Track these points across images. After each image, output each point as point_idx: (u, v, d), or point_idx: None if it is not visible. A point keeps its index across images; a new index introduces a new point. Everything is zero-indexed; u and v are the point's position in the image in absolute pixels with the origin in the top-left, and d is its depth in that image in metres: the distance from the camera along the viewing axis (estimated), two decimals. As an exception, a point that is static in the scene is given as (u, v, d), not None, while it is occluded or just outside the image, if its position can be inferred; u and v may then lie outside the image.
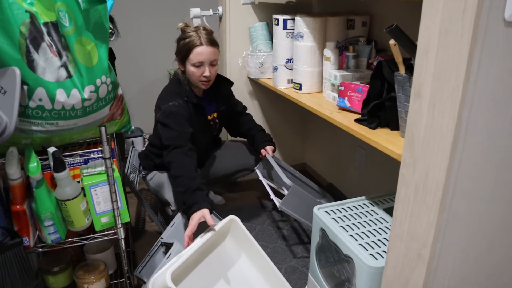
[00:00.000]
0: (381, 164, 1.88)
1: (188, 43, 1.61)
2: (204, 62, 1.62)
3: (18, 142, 1.11)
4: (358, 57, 1.67)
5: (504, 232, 0.91)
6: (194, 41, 1.60)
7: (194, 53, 1.60)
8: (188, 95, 1.69)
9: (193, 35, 1.61)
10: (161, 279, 1.14)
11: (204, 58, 1.61)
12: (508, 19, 0.69)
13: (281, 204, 1.61)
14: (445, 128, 0.76)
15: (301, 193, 1.64)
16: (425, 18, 0.77)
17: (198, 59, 1.61)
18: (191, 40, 1.60)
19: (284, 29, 1.83)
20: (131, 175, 1.96)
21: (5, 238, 1.07)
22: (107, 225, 1.25)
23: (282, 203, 1.61)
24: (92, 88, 1.05)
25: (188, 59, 1.62)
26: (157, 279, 1.18)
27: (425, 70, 0.79)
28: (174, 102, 1.65)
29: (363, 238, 1.21)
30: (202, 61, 1.61)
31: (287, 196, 1.61)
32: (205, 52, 1.60)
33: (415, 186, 0.86)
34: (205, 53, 1.60)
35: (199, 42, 1.60)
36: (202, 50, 1.60)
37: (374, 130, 1.33)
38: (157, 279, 1.18)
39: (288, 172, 1.94)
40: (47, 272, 1.37)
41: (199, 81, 1.66)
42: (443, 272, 0.89)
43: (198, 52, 1.60)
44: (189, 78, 1.69)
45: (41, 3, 0.98)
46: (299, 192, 1.63)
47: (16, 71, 0.93)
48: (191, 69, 1.63)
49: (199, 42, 1.60)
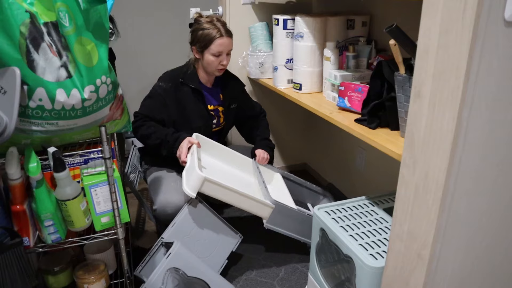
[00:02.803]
0: (381, 164, 1.88)
1: (208, 34, 1.70)
2: (223, 52, 1.72)
3: (18, 142, 1.11)
4: (358, 57, 1.67)
5: (504, 232, 0.91)
6: (215, 33, 1.69)
7: (216, 44, 1.70)
8: (187, 78, 1.77)
9: (211, 26, 1.70)
10: (192, 177, 1.48)
11: (224, 49, 1.72)
12: (508, 19, 0.69)
13: (266, 223, 1.60)
14: (445, 128, 0.76)
15: (286, 210, 1.61)
16: (425, 18, 0.77)
17: (218, 49, 1.70)
18: (211, 32, 1.70)
19: (284, 29, 1.83)
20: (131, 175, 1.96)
21: (5, 238, 1.07)
22: (107, 225, 1.25)
23: (267, 221, 1.60)
24: (92, 88, 1.05)
25: (208, 48, 1.71)
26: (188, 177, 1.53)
27: (425, 70, 0.79)
28: (162, 84, 1.77)
29: (363, 238, 1.21)
30: (221, 51, 1.72)
31: (272, 214, 1.59)
32: (226, 43, 1.72)
33: (415, 186, 0.86)
34: (226, 43, 1.72)
35: (219, 34, 1.69)
36: (223, 41, 1.70)
37: (374, 130, 1.33)
38: (188, 176, 1.53)
39: (283, 176, 1.93)
40: (47, 272, 1.37)
41: (216, 69, 1.75)
42: (443, 272, 0.89)
43: (220, 43, 1.70)
44: (206, 67, 1.76)
45: (41, 3, 0.98)
46: (283, 209, 1.60)
47: (16, 71, 0.93)
48: (210, 58, 1.72)
49: (219, 34, 1.69)
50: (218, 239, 1.62)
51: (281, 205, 1.59)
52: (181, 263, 1.40)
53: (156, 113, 1.75)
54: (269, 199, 1.57)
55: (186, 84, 1.77)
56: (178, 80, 1.76)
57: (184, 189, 1.49)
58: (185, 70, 1.80)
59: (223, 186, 1.48)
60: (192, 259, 1.43)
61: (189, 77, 1.78)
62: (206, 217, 1.62)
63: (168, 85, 1.76)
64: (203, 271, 1.43)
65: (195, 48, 1.75)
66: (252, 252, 1.83)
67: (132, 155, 1.95)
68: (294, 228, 1.66)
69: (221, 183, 1.48)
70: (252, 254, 1.82)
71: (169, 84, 1.76)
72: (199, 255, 1.54)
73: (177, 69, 1.84)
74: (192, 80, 1.78)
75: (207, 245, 1.59)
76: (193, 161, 1.56)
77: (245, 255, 1.81)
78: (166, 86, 1.76)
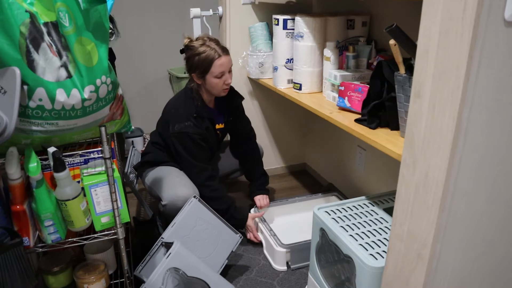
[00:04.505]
0: (381, 164, 1.88)
1: (206, 58, 1.67)
2: (225, 71, 1.70)
3: (18, 142, 1.11)
4: (358, 57, 1.67)
5: (504, 232, 0.91)
6: (212, 55, 1.66)
7: (216, 65, 1.67)
8: (200, 111, 1.75)
9: (206, 49, 1.67)
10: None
11: (225, 68, 1.70)
12: (508, 19, 0.69)
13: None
14: (445, 128, 0.76)
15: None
16: (425, 18, 0.77)
17: (220, 70, 1.68)
18: (209, 54, 1.66)
19: (284, 29, 1.83)
20: (131, 175, 1.96)
21: (5, 238, 1.07)
22: (107, 225, 1.25)
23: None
24: (92, 88, 1.05)
25: (209, 72, 1.69)
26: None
27: (425, 70, 0.79)
28: (188, 123, 1.72)
29: (363, 238, 1.21)
30: (223, 71, 1.69)
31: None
32: (225, 61, 1.69)
33: (415, 186, 0.86)
34: (225, 62, 1.69)
35: (217, 54, 1.66)
36: (222, 61, 1.68)
37: (374, 130, 1.33)
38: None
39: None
40: (47, 272, 1.37)
41: (222, 90, 1.74)
42: (443, 272, 0.89)
43: (220, 64, 1.68)
44: (210, 90, 1.75)
45: (41, 3, 0.98)
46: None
47: (16, 71, 0.93)
48: (213, 81, 1.70)
49: (217, 54, 1.66)
50: (218, 239, 1.62)
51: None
52: (181, 263, 1.40)
53: (203, 149, 1.76)
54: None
55: (201, 117, 1.75)
56: (193, 115, 1.73)
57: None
58: (196, 103, 1.76)
59: None
60: (192, 259, 1.43)
61: (201, 109, 1.76)
62: (206, 217, 1.62)
63: (192, 121, 1.72)
64: (203, 271, 1.43)
65: (195, 75, 1.72)
66: (252, 252, 1.83)
67: (132, 155, 1.95)
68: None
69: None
70: (252, 254, 1.82)
71: (192, 119, 1.73)
72: (199, 255, 1.54)
73: (185, 104, 1.77)
74: (203, 111, 1.76)
75: (207, 245, 1.59)
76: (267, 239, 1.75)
77: (245, 255, 1.81)
78: (191, 123, 1.72)
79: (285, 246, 1.68)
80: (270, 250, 1.74)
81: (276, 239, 1.72)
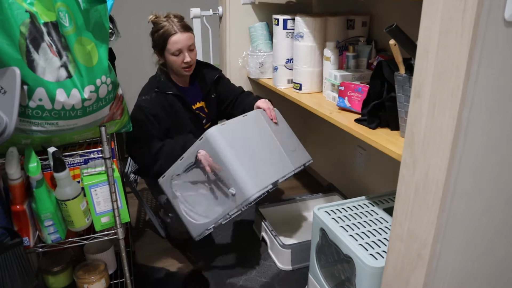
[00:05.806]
0: (381, 164, 1.88)
1: (162, 34, 1.63)
2: (182, 49, 1.63)
3: (18, 142, 1.11)
4: (358, 57, 1.67)
5: (504, 232, 0.91)
6: (169, 30, 1.62)
7: (171, 42, 1.62)
8: (162, 86, 1.69)
9: (166, 24, 1.63)
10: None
11: (182, 45, 1.63)
12: (508, 19, 0.69)
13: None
14: (445, 128, 0.76)
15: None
16: (425, 18, 0.77)
17: (175, 47, 1.62)
18: (165, 30, 1.62)
19: (284, 29, 1.83)
20: (131, 175, 1.96)
21: (5, 238, 1.07)
22: (107, 225, 1.25)
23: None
24: (92, 88, 1.05)
25: (166, 49, 1.65)
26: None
27: (425, 70, 0.79)
28: (146, 97, 1.67)
29: (363, 238, 1.21)
30: (180, 49, 1.63)
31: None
32: (181, 39, 1.62)
33: (415, 186, 0.86)
34: (181, 40, 1.62)
35: (173, 30, 1.61)
36: (178, 38, 1.61)
37: (374, 130, 1.33)
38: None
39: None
40: (47, 272, 1.37)
41: (181, 68, 1.67)
42: (443, 272, 0.89)
43: (175, 41, 1.62)
44: (172, 68, 1.70)
45: (41, 3, 0.98)
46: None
47: (16, 71, 0.93)
48: (171, 58, 1.65)
49: (173, 30, 1.61)
50: (292, 144, 1.66)
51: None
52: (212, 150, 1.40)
53: (153, 127, 1.65)
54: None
55: (164, 92, 1.68)
56: (155, 90, 1.67)
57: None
58: (158, 79, 1.71)
59: None
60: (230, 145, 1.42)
61: (163, 84, 1.70)
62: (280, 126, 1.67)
63: (151, 95, 1.67)
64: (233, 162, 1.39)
65: (156, 52, 1.69)
66: (252, 252, 1.83)
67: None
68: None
69: None
70: (252, 254, 1.82)
71: (152, 94, 1.67)
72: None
73: (150, 80, 1.75)
74: (167, 86, 1.70)
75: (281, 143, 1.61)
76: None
77: (245, 255, 1.81)
78: (148, 97, 1.66)
79: (285, 247, 1.68)
80: (276, 250, 1.75)
81: (277, 240, 1.72)
